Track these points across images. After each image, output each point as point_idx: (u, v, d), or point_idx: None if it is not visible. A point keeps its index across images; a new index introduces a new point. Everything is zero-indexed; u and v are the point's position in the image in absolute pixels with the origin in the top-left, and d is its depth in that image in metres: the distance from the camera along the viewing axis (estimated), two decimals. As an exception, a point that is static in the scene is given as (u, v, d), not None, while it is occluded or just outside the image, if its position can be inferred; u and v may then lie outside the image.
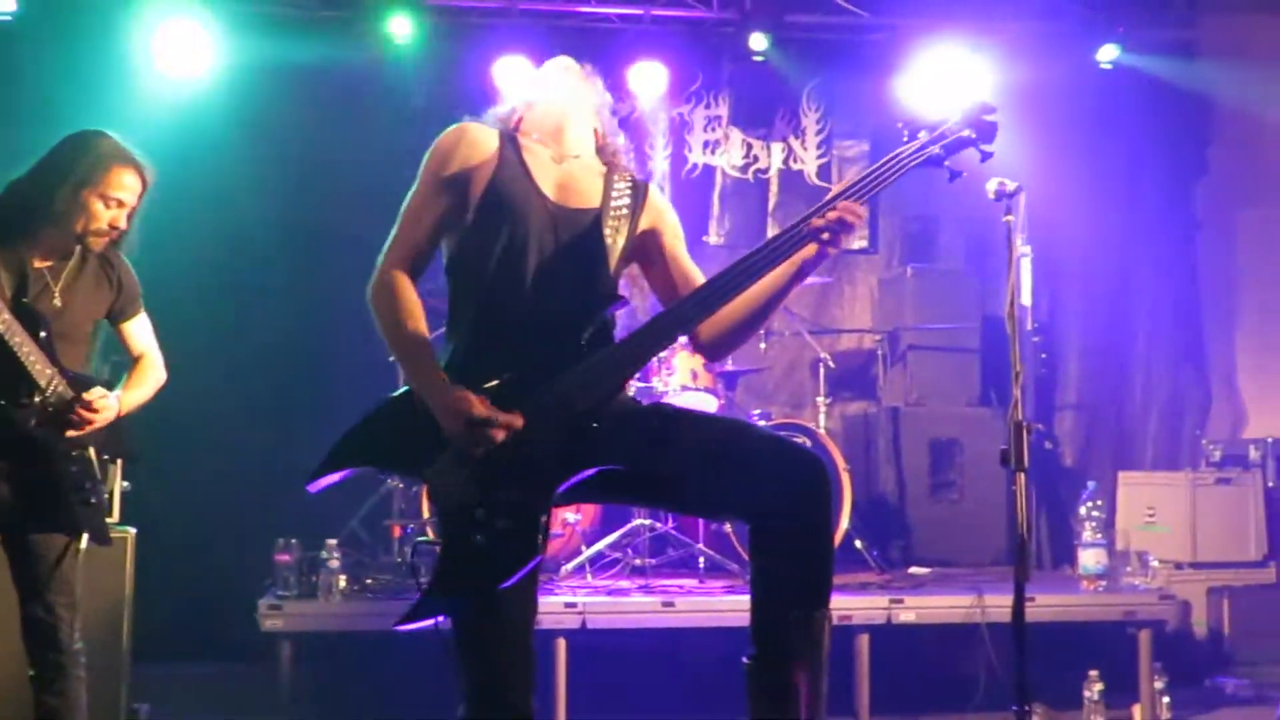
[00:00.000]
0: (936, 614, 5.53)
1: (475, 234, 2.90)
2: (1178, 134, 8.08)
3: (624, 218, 3.00)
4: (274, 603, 5.26)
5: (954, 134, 2.81)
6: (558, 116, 3.08)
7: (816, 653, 2.67)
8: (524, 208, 2.89)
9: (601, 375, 2.75)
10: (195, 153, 6.86)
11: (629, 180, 3.08)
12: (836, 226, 2.74)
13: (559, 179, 3.00)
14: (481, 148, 2.96)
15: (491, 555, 2.66)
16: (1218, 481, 6.87)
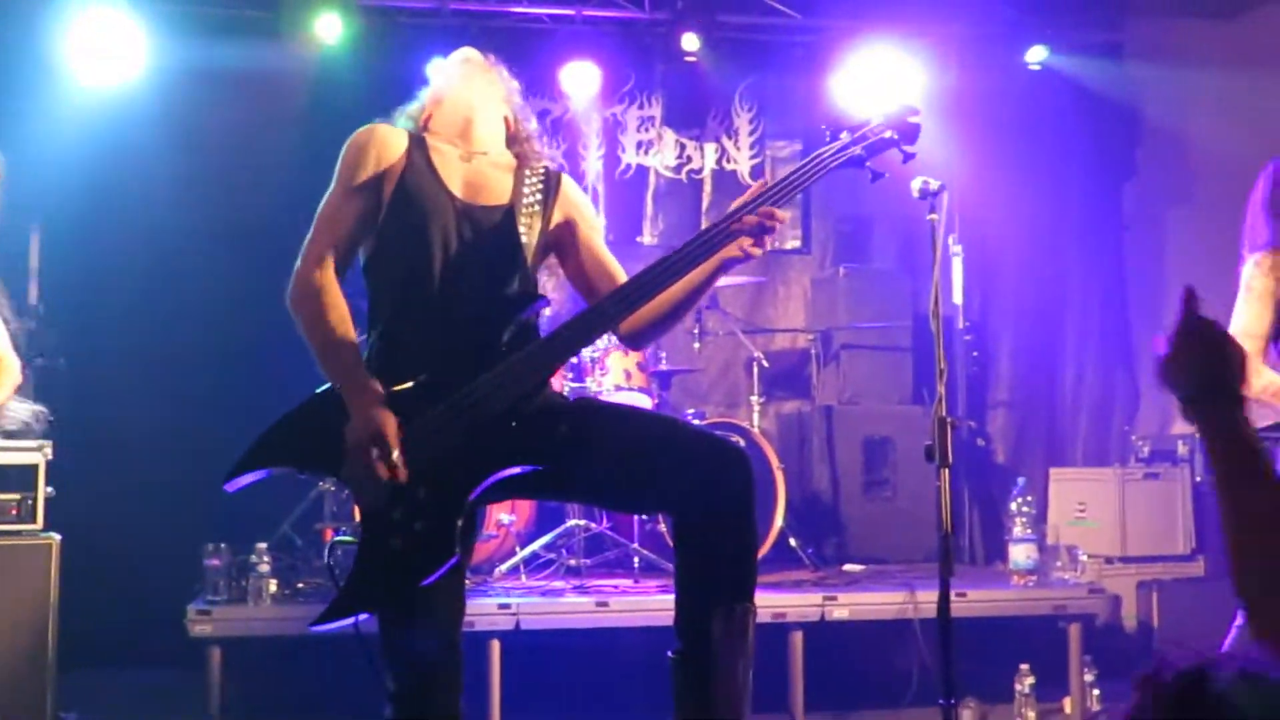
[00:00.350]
0: (869, 610, 5.56)
1: (387, 235, 2.90)
2: (1106, 135, 8.18)
3: (536, 213, 2.99)
4: (203, 608, 5.19)
5: (876, 135, 2.82)
6: (464, 113, 3.06)
7: (741, 647, 2.67)
8: (432, 208, 2.88)
9: (521, 374, 2.74)
10: (118, 156, 6.80)
11: (540, 173, 3.07)
12: (757, 230, 2.74)
13: (467, 177, 2.99)
14: (389, 149, 2.95)
15: (408, 556, 2.64)
16: (1146, 477, 6.97)
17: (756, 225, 2.73)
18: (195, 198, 7.00)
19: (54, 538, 5.10)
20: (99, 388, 6.64)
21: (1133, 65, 8.07)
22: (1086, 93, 8.03)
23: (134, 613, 6.16)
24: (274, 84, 7.24)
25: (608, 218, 7.97)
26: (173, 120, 6.98)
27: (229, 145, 7.11)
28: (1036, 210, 8.04)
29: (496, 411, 2.70)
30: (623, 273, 3.09)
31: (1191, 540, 6.93)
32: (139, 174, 6.86)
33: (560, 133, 7.93)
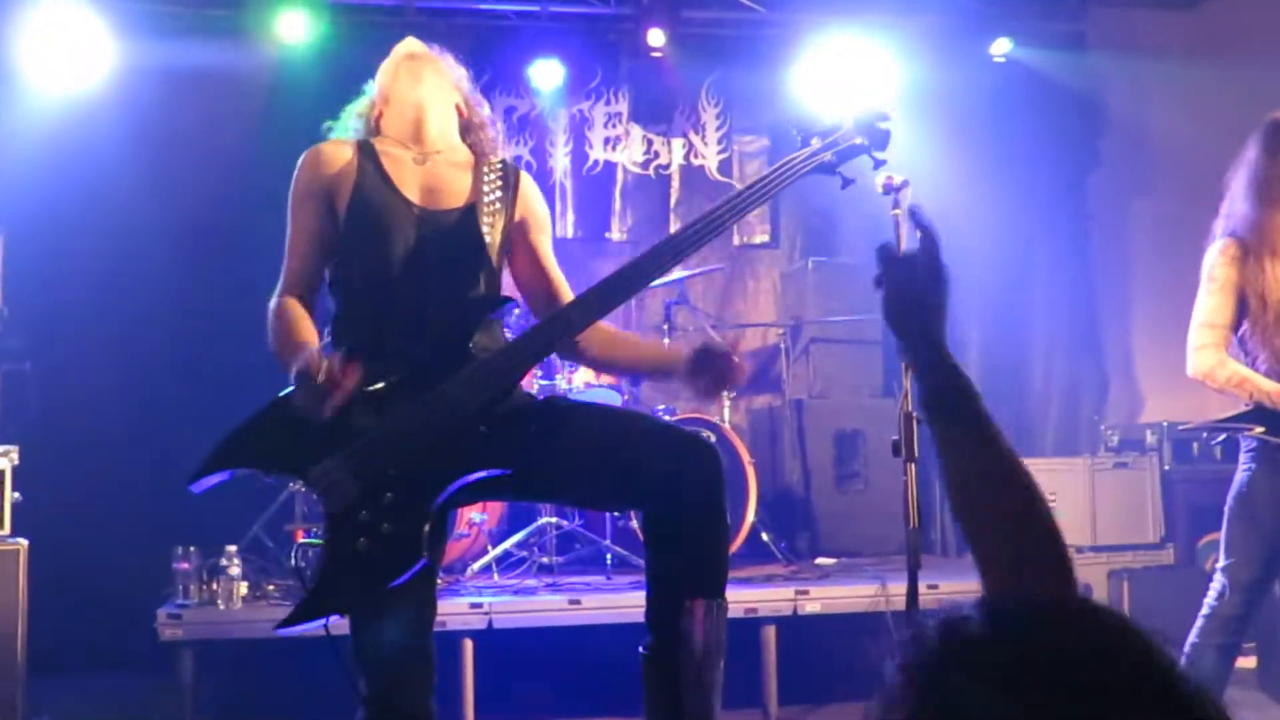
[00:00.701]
0: (841, 604, 5.58)
1: (346, 251, 2.90)
2: (1070, 126, 8.22)
3: (498, 210, 2.98)
4: (173, 611, 5.17)
5: (846, 141, 2.82)
6: (413, 114, 3.01)
7: (712, 642, 2.67)
8: (388, 217, 2.87)
9: (489, 378, 2.73)
10: (81, 158, 6.73)
11: (499, 169, 3.05)
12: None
13: (424, 181, 2.96)
14: (334, 165, 2.93)
15: (374, 558, 2.63)
16: (1115, 466, 7.01)
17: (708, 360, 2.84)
18: (159, 198, 6.95)
19: (21, 543, 5.07)
20: (65, 391, 6.59)
21: (1095, 56, 8.11)
22: (1050, 84, 8.06)
23: (104, 617, 6.13)
24: (238, 84, 7.20)
25: (576, 214, 7.96)
26: (136, 121, 6.92)
27: (193, 145, 7.06)
28: (1002, 202, 8.06)
29: (465, 414, 2.69)
30: (564, 281, 3.11)
31: (1161, 528, 6.97)
32: (102, 175, 6.80)
33: (527, 129, 7.92)
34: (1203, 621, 4.10)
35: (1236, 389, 4.01)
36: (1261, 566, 4.01)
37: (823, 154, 2.81)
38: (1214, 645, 4.06)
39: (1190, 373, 4.12)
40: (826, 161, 2.81)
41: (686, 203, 8.18)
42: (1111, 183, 8.26)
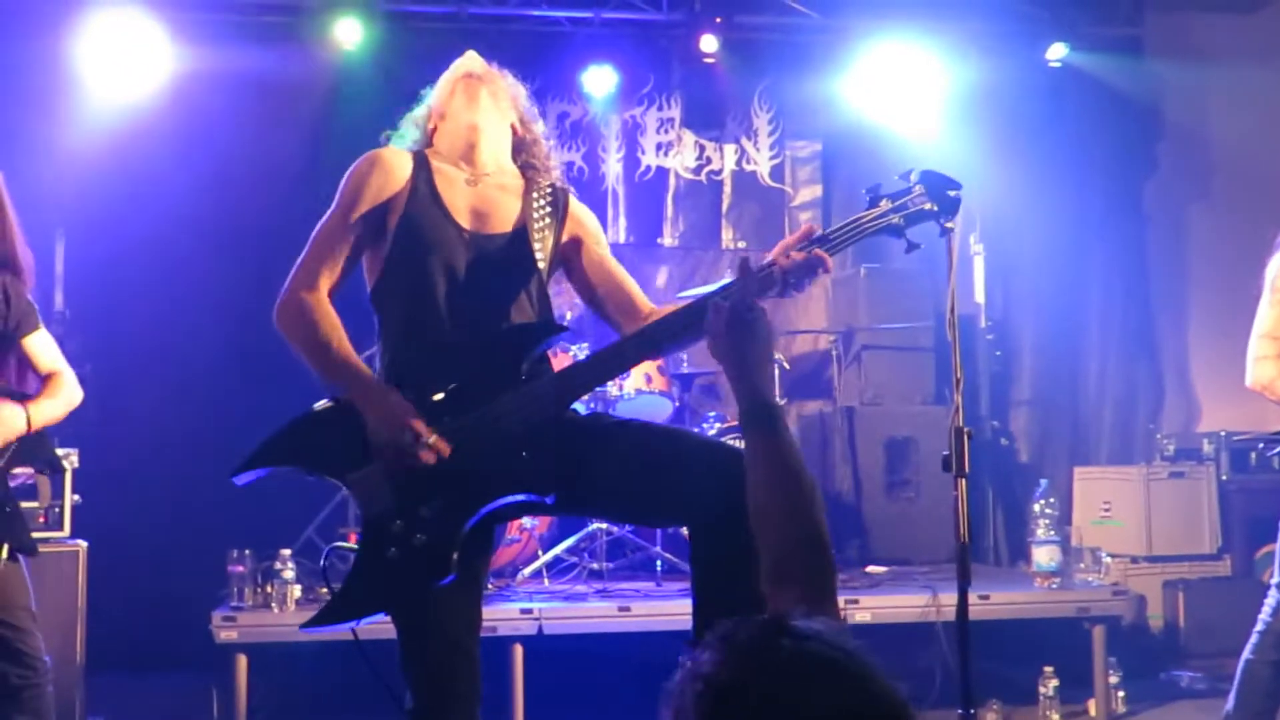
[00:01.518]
0: (891, 613, 5.55)
1: (394, 267, 2.89)
2: (1127, 131, 8.14)
3: (546, 235, 2.98)
4: (228, 614, 5.22)
5: (915, 207, 2.78)
6: (466, 136, 3.01)
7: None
8: (436, 238, 2.87)
9: (535, 404, 2.74)
10: (140, 162, 6.83)
11: (548, 193, 3.05)
12: (804, 267, 2.69)
13: (474, 204, 2.96)
14: (394, 177, 2.93)
15: (403, 568, 2.65)
16: (1171, 475, 6.93)
17: (804, 262, 2.69)
18: (217, 203, 7.03)
19: (81, 544, 5.14)
20: (124, 394, 6.68)
21: (1153, 61, 8.03)
22: (1107, 89, 7.99)
23: (160, 618, 6.22)
24: (294, 90, 7.27)
25: (628, 220, 7.98)
26: (194, 127, 7.01)
27: (249, 151, 7.13)
28: (1058, 207, 8.00)
29: (509, 437, 2.70)
30: (635, 285, 3.10)
31: (1218, 539, 6.89)
32: (161, 180, 6.89)
33: (580, 135, 7.95)
34: (1257, 638, 4.05)
35: (1293, 405, 3.97)
36: (1317, 582, 3.95)
37: (891, 216, 2.78)
38: (1269, 662, 4.01)
39: (1249, 383, 4.07)
40: (894, 224, 2.78)
41: (738, 208, 8.18)
42: (1168, 189, 8.18)
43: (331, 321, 2.81)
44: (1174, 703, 5.94)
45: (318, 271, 2.87)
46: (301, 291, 2.85)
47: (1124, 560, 6.66)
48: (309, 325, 2.81)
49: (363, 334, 2.93)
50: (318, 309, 2.82)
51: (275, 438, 2.80)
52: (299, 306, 2.83)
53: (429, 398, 2.74)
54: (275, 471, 2.79)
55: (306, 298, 2.84)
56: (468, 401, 2.73)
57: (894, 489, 7.20)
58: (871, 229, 2.77)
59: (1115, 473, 7.23)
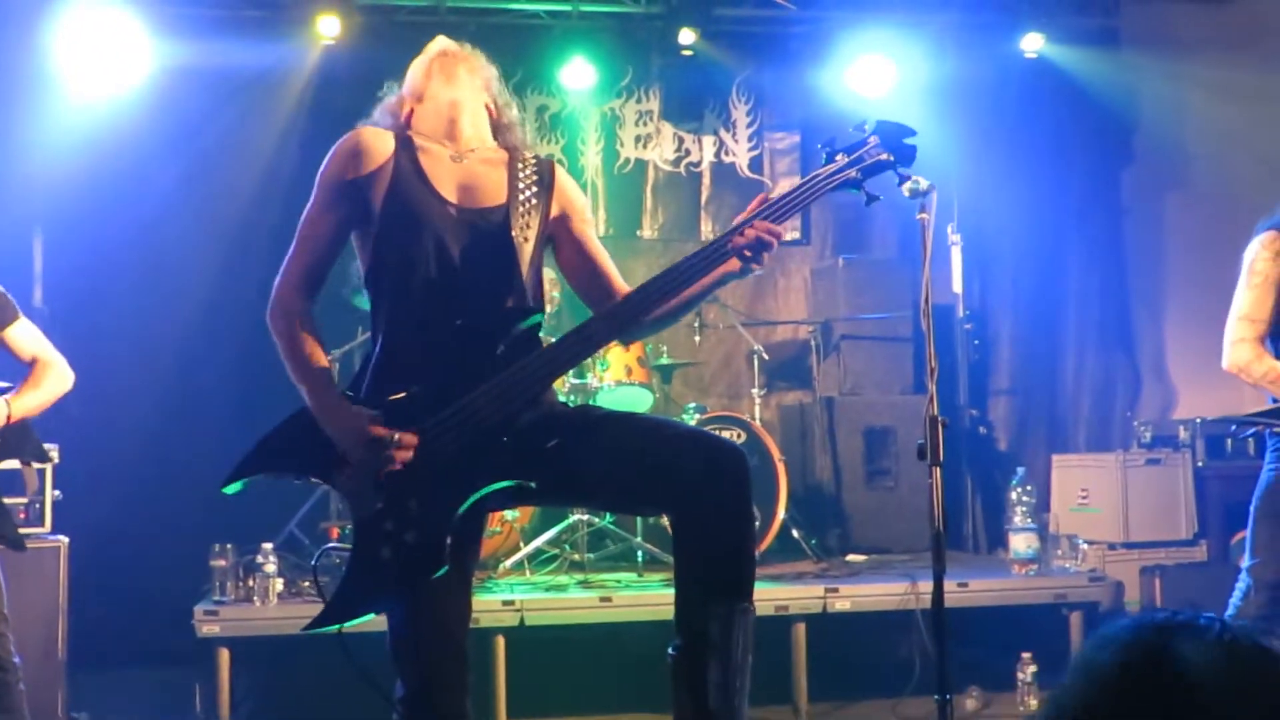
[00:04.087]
0: (871, 602, 5.58)
1: (381, 245, 2.88)
2: (1103, 122, 8.18)
3: (534, 208, 2.97)
4: (210, 608, 5.23)
5: (872, 158, 2.84)
6: (446, 112, 2.99)
7: (739, 646, 2.69)
8: (424, 215, 2.86)
9: (516, 388, 2.75)
10: (119, 158, 6.82)
11: (533, 164, 3.04)
12: (756, 245, 2.75)
13: (460, 179, 2.94)
14: (375, 154, 2.90)
15: (397, 566, 2.68)
16: (1148, 462, 6.98)
17: (755, 240, 2.74)
18: (197, 198, 7.04)
19: (62, 540, 5.14)
20: (104, 390, 6.66)
21: (1129, 52, 8.08)
22: (1083, 80, 8.03)
23: (142, 613, 6.22)
24: (274, 84, 7.27)
25: (607, 212, 8.00)
26: (173, 121, 7.01)
27: (230, 146, 7.14)
28: (1035, 197, 8.05)
29: (491, 425, 2.72)
30: (613, 268, 3.11)
31: (1194, 525, 6.95)
32: (140, 175, 6.90)
33: (559, 128, 7.96)
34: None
35: (1272, 384, 4.00)
36: (1288, 566, 4.00)
37: (848, 169, 2.83)
38: (1241, 645, 4.05)
39: (1226, 365, 4.11)
40: (852, 178, 2.83)
41: (717, 200, 8.20)
42: (1144, 178, 8.23)
43: (306, 326, 2.82)
44: (1151, 687, 5.98)
45: (304, 267, 2.87)
46: (285, 291, 2.86)
47: (1101, 546, 6.71)
48: (287, 329, 2.83)
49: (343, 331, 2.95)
50: (295, 315, 2.84)
51: (260, 447, 2.81)
52: (280, 308, 2.85)
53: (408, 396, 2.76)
54: (263, 478, 2.81)
55: (288, 300, 2.85)
56: (447, 395, 2.75)
57: (873, 478, 7.24)
58: (829, 185, 2.82)
59: (1092, 460, 7.29)
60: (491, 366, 2.77)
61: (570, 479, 2.80)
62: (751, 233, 2.75)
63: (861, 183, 2.84)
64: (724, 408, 7.53)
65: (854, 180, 2.83)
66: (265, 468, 2.80)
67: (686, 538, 2.73)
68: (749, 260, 2.77)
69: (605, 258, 3.12)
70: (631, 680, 5.42)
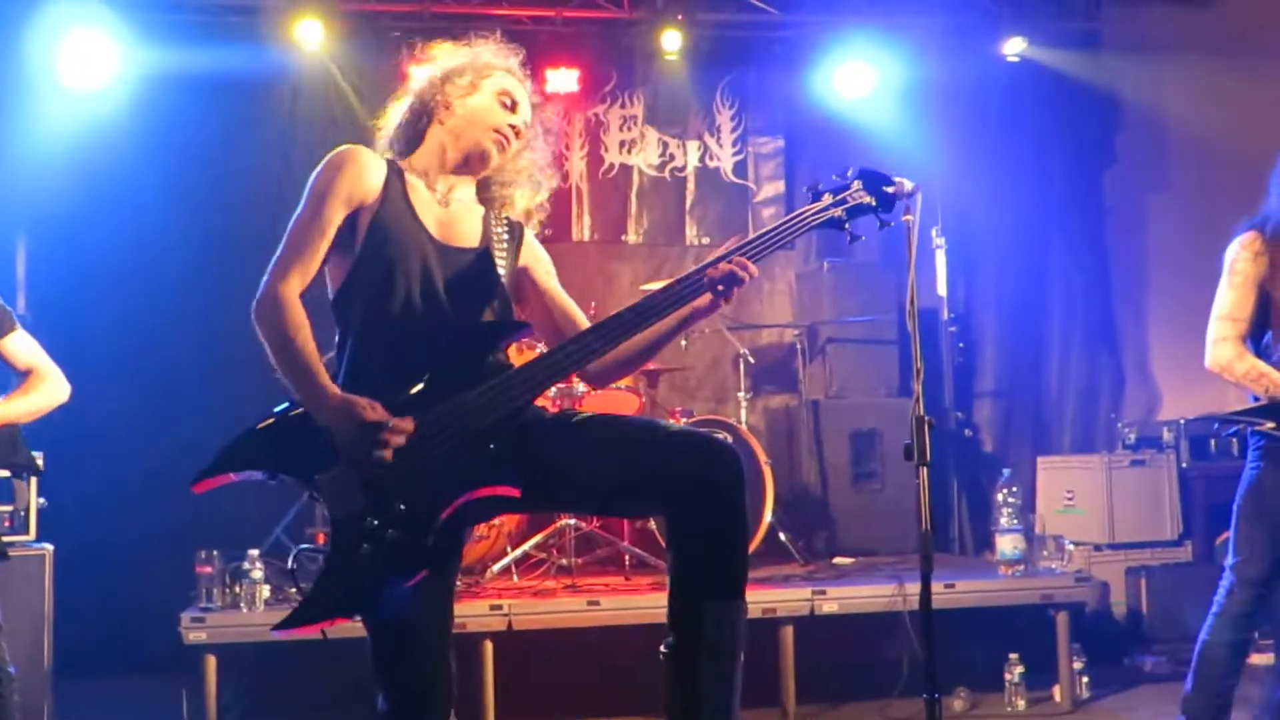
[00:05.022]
0: (858, 604, 5.59)
1: (363, 269, 2.87)
2: (1085, 123, 8.23)
3: (505, 255, 3.01)
4: (197, 615, 5.21)
5: (856, 200, 2.98)
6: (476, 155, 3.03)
7: (732, 644, 2.70)
8: (410, 244, 2.87)
9: (502, 397, 2.76)
10: (101, 165, 6.82)
11: (504, 221, 3.08)
12: (728, 279, 2.82)
13: (441, 216, 2.98)
14: (368, 176, 2.91)
15: (375, 564, 2.67)
16: (1133, 464, 7.01)
17: (729, 274, 2.81)
18: (179, 203, 7.03)
19: (47, 548, 5.13)
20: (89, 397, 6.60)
21: (1110, 54, 8.12)
22: (1065, 82, 8.08)
23: (128, 621, 6.20)
24: (256, 90, 7.27)
25: (592, 217, 8.01)
26: (155, 128, 7.01)
27: (211, 151, 7.14)
28: (1018, 200, 8.08)
29: (477, 431, 2.73)
30: (580, 314, 3.14)
31: (1179, 526, 6.97)
32: (123, 181, 6.89)
33: (543, 134, 7.95)
34: (1212, 619, 4.12)
35: (1254, 383, 4.03)
36: (1270, 563, 4.02)
37: (832, 209, 2.96)
38: (1224, 643, 4.07)
39: (1208, 364, 4.13)
40: (836, 217, 2.97)
41: (702, 205, 8.21)
42: (1127, 179, 8.27)
43: (298, 321, 2.79)
44: (1137, 687, 6.01)
45: (292, 267, 2.83)
46: (277, 287, 2.81)
47: (1087, 548, 6.74)
48: (279, 324, 2.78)
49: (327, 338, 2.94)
50: (288, 307, 2.80)
51: (236, 444, 2.78)
52: (272, 303, 2.80)
53: (392, 395, 2.76)
54: (237, 479, 2.78)
55: (281, 294, 2.80)
56: (432, 398, 2.76)
57: (860, 481, 7.25)
58: (815, 221, 2.95)
59: (1078, 461, 7.31)
60: (479, 375, 2.79)
61: (562, 482, 2.81)
62: (726, 267, 2.82)
63: (845, 222, 2.98)
64: (710, 412, 7.54)
65: (837, 220, 2.97)
66: (240, 465, 2.76)
67: (680, 536, 2.74)
68: (720, 295, 2.85)
69: (572, 305, 3.16)
70: (619, 684, 5.43)
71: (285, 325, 2.78)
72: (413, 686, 2.84)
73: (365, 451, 2.68)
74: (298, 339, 2.77)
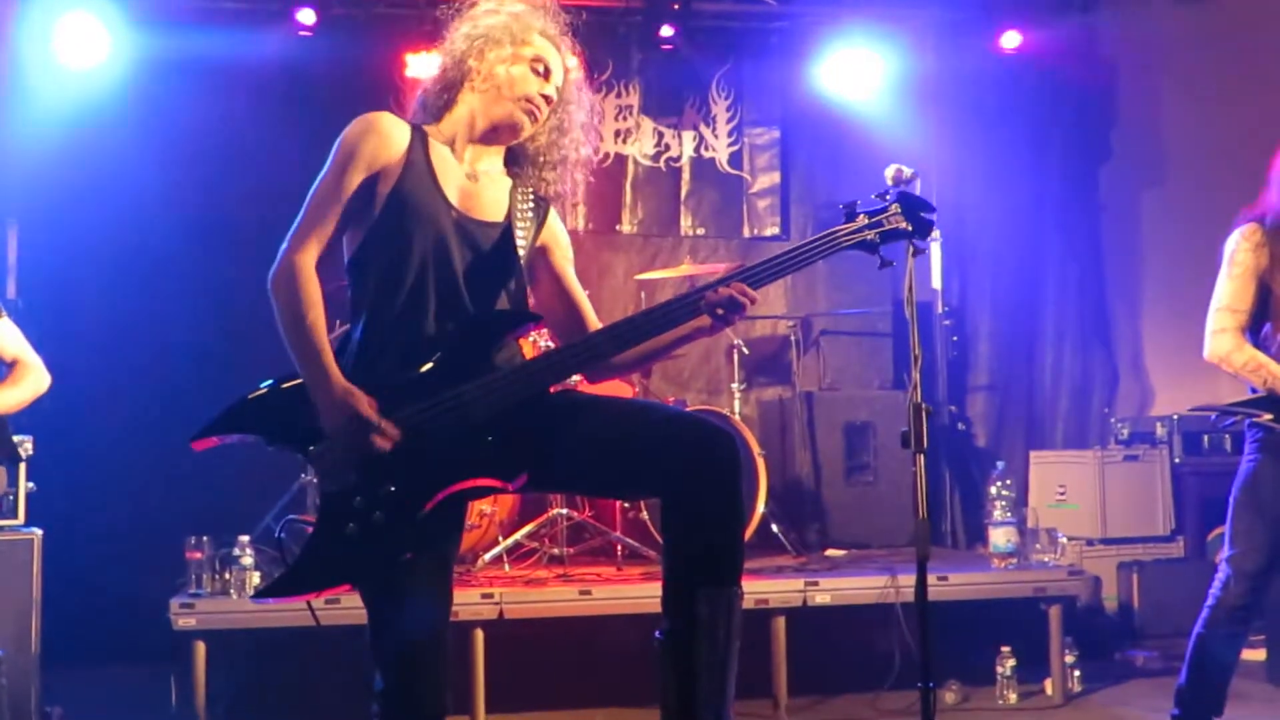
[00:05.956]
0: (851, 595, 5.58)
1: (379, 238, 2.84)
2: (1081, 118, 8.22)
3: (528, 232, 2.98)
4: (186, 601, 5.18)
5: (891, 224, 2.91)
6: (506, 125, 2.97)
7: (727, 629, 2.69)
8: (429, 215, 2.84)
9: (505, 390, 2.75)
10: (94, 149, 6.79)
11: (531, 195, 3.02)
12: (728, 304, 2.78)
13: (465, 186, 2.93)
14: (391, 143, 2.85)
15: (360, 545, 2.66)
16: (1125, 459, 7.01)
17: (727, 299, 2.77)
18: (173, 190, 7.00)
19: (36, 533, 5.09)
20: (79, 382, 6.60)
21: (1106, 49, 8.12)
22: (1060, 77, 8.07)
23: (117, 607, 6.17)
24: (251, 75, 7.23)
25: (586, 207, 7.98)
26: (149, 113, 6.98)
27: (206, 137, 7.11)
28: (1013, 194, 8.07)
29: (476, 421, 2.72)
30: (589, 307, 3.12)
31: (1171, 521, 6.98)
32: (115, 167, 6.85)
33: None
34: (1207, 612, 4.12)
35: (1252, 374, 4.03)
36: (1266, 556, 4.02)
37: (866, 232, 2.90)
38: (1220, 636, 4.07)
39: (1207, 355, 4.13)
40: (869, 239, 2.90)
41: (697, 195, 8.19)
42: (1122, 175, 8.26)
43: (313, 298, 2.76)
44: (1129, 681, 6.01)
45: (310, 236, 2.81)
46: (294, 258, 2.79)
47: (1079, 542, 6.74)
48: (294, 297, 2.76)
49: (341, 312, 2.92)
50: (304, 280, 2.77)
51: (239, 405, 2.79)
52: (289, 274, 2.78)
53: (398, 379, 2.74)
54: (236, 440, 2.78)
55: (297, 264, 2.78)
56: (437, 384, 2.74)
57: (853, 473, 7.24)
58: (847, 243, 2.89)
59: (1070, 456, 7.31)
60: (485, 366, 2.77)
61: (561, 464, 2.80)
62: (726, 292, 2.77)
63: (878, 246, 2.91)
64: (703, 403, 7.52)
65: (871, 242, 2.91)
66: (238, 427, 2.77)
67: (677, 520, 2.73)
68: (719, 319, 2.80)
69: (583, 296, 3.14)
70: (610, 674, 5.42)
71: (300, 300, 2.76)
72: (411, 666, 2.82)
73: (352, 446, 2.67)
74: (309, 315, 2.75)
